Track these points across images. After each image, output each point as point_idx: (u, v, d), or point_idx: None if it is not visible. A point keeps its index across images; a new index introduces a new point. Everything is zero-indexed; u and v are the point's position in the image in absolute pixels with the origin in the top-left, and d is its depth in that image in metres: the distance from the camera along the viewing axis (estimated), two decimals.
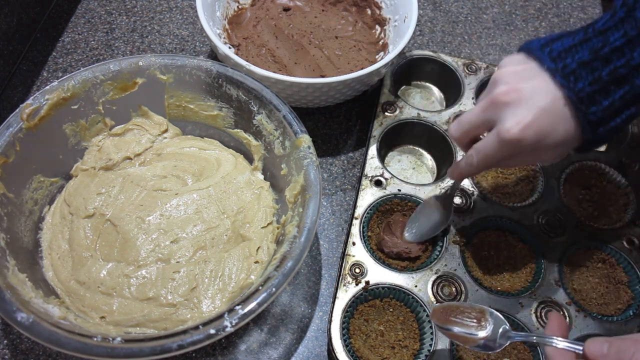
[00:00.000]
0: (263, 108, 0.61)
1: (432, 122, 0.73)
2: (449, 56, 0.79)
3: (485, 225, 0.65)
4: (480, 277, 0.62)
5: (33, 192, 0.59)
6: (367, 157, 0.69)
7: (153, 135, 0.67)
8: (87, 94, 0.61)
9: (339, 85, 0.66)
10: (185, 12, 0.89)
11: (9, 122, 0.56)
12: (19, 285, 0.49)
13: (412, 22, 0.71)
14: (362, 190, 0.66)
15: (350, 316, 0.58)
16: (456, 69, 0.78)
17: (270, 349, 0.59)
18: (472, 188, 0.67)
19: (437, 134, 0.72)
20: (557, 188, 0.68)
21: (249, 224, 0.61)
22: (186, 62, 0.62)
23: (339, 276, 0.60)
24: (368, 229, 0.64)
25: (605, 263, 0.64)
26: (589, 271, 0.63)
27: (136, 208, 0.61)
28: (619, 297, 0.61)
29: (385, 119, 0.72)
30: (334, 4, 0.84)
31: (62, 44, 0.83)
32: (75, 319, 0.51)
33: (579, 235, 0.65)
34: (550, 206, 0.67)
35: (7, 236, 0.54)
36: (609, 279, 0.63)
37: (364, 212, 0.64)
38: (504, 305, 0.59)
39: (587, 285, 0.62)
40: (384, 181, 0.67)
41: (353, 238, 0.62)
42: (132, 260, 0.57)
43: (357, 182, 0.70)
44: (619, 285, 0.62)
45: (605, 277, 0.63)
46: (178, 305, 0.54)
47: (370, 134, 0.71)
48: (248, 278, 0.57)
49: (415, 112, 0.74)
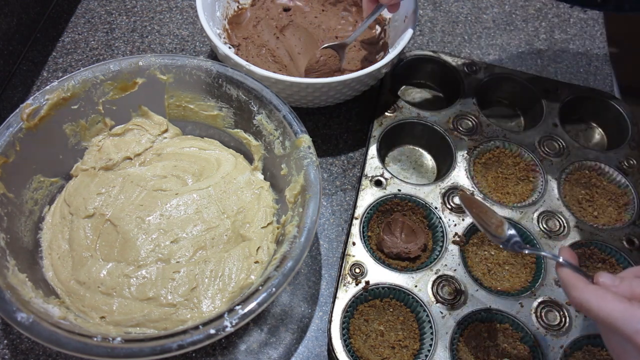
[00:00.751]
0: (263, 108, 0.61)
1: (432, 122, 0.73)
2: (449, 56, 0.80)
3: None
4: (480, 277, 0.62)
5: (33, 192, 0.59)
6: (367, 157, 0.69)
7: (153, 135, 0.67)
8: (87, 94, 0.61)
9: (339, 85, 0.66)
10: (185, 12, 0.89)
11: (9, 122, 0.56)
12: (19, 285, 0.49)
13: (412, 22, 0.71)
14: (362, 190, 0.66)
15: (350, 316, 0.58)
16: (456, 69, 0.78)
17: (270, 349, 0.60)
18: (472, 188, 0.67)
19: (437, 134, 0.72)
20: (557, 188, 0.68)
21: (249, 224, 0.61)
22: (186, 62, 0.63)
23: (339, 276, 0.60)
24: (368, 229, 0.64)
25: (605, 263, 0.64)
26: (589, 271, 0.63)
27: (136, 208, 0.61)
28: None
29: (385, 119, 0.72)
30: (334, 4, 0.85)
31: (62, 44, 0.83)
32: (75, 319, 0.51)
33: (579, 235, 0.65)
34: (550, 206, 0.67)
35: (7, 236, 0.54)
36: None
37: (364, 212, 0.64)
38: (504, 305, 0.59)
39: None
40: (384, 181, 0.67)
41: (353, 238, 0.62)
42: (132, 260, 0.57)
43: (357, 182, 0.70)
44: None
45: None
46: (178, 305, 0.54)
47: (370, 134, 0.71)
48: (248, 278, 0.57)
49: (415, 112, 0.74)
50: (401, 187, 0.67)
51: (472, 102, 0.75)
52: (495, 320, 0.59)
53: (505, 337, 0.58)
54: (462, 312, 0.58)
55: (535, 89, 0.77)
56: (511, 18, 0.94)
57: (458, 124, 0.73)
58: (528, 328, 0.58)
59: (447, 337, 0.56)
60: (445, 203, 0.66)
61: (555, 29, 0.93)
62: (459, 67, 0.78)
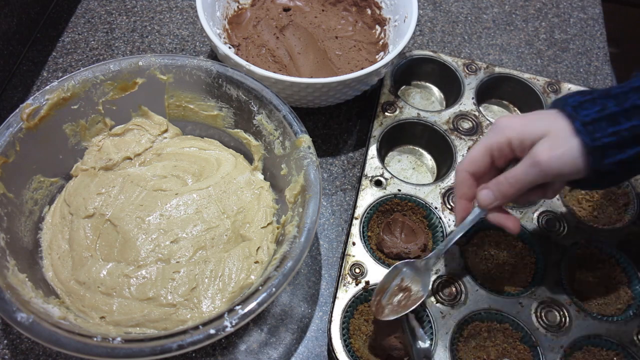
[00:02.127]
0: (263, 108, 0.61)
1: (432, 122, 0.73)
2: (449, 56, 0.79)
3: (485, 225, 0.65)
4: (480, 277, 0.62)
5: (33, 192, 0.59)
6: (367, 157, 0.69)
7: (153, 135, 0.67)
8: (87, 94, 0.61)
9: (339, 85, 0.66)
10: (185, 12, 0.89)
11: (9, 122, 0.56)
12: (19, 285, 0.49)
13: (412, 22, 0.71)
14: (362, 190, 0.66)
15: (350, 316, 0.58)
16: (456, 69, 0.78)
17: (270, 349, 0.59)
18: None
19: (437, 134, 0.72)
20: None
21: (249, 224, 0.61)
22: (186, 62, 0.63)
23: (338, 276, 0.60)
24: (368, 229, 0.64)
25: (605, 263, 0.64)
26: (589, 271, 0.63)
27: (136, 208, 0.61)
28: (619, 297, 0.61)
29: (385, 119, 0.72)
30: (334, 4, 0.84)
31: (62, 44, 0.83)
32: (75, 319, 0.51)
33: (579, 235, 0.65)
34: (550, 206, 0.67)
35: (7, 236, 0.54)
36: (609, 279, 0.63)
37: (364, 212, 0.64)
38: (504, 305, 0.59)
39: (587, 285, 0.62)
40: (384, 181, 0.67)
41: (353, 238, 0.62)
42: (132, 260, 0.57)
43: (357, 182, 0.70)
44: (619, 285, 0.62)
45: (605, 277, 0.63)
46: (178, 305, 0.54)
47: (370, 134, 0.71)
48: (248, 278, 0.57)
49: (415, 112, 0.74)
50: (401, 187, 0.67)
51: (472, 102, 0.75)
52: (495, 320, 0.59)
53: (505, 337, 0.58)
54: (462, 312, 0.58)
55: (535, 89, 0.77)
56: (511, 18, 0.94)
57: (458, 124, 0.73)
58: (528, 328, 0.58)
59: (447, 337, 0.56)
60: (445, 203, 0.66)
61: (555, 29, 0.93)
62: (458, 67, 0.78)
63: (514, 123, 0.50)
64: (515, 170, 0.50)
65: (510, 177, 0.50)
